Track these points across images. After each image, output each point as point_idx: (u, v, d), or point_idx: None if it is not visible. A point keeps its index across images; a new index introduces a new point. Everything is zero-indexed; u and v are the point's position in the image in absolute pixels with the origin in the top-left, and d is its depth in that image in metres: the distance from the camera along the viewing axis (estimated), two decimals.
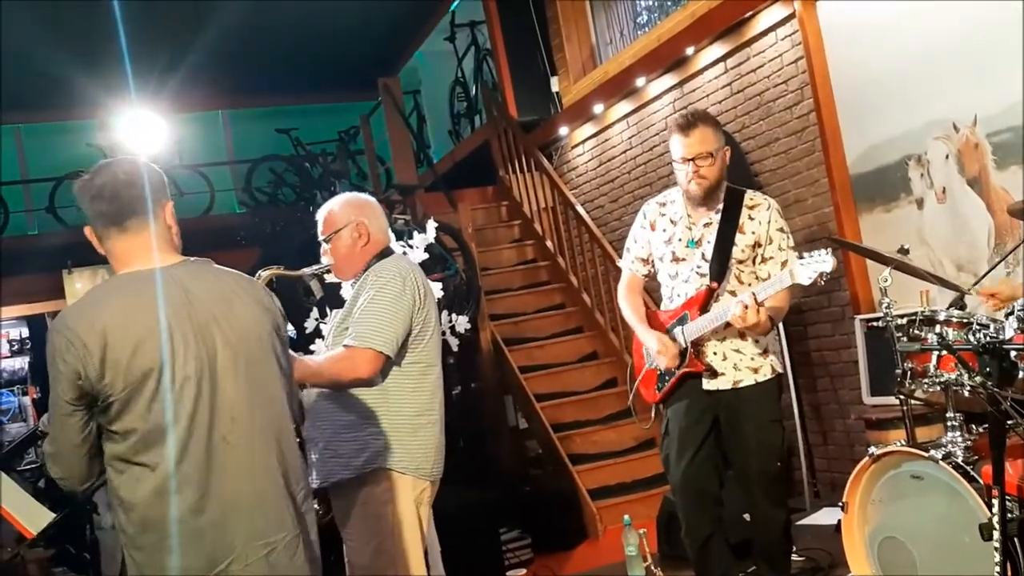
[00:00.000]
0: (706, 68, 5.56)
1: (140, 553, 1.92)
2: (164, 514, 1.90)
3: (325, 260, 2.93)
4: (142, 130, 5.58)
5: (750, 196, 3.23)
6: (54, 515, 2.42)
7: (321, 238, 2.94)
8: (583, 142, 7.09)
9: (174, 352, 1.92)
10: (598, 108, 6.62)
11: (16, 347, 9.59)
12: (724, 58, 5.40)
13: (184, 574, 1.91)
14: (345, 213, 2.90)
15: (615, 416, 6.00)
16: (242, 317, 2.03)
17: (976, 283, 3.65)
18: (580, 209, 6.74)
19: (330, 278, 3.09)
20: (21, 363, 9.53)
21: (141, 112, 5.65)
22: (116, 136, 5.69)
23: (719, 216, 3.18)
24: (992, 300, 2.89)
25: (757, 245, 3.17)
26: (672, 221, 3.28)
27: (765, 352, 3.18)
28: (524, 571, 4.61)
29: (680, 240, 3.24)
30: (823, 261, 2.81)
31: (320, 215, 2.96)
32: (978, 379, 2.34)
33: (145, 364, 1.89)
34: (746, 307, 2.91)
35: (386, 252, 2.91)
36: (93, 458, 1.94)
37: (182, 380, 1.92)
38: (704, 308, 3.14)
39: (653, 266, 3.38)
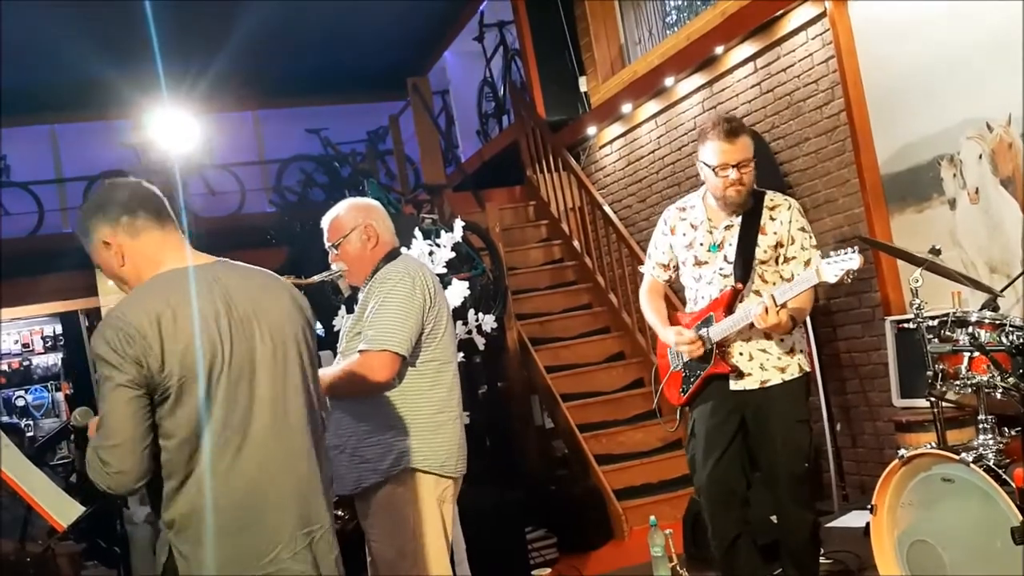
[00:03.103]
0: (736, 67, 5.52)
1: (189, 547, 1.93)
2: (215, 507, 1.92)
3: (336, 266, 2.91)
4: (174, 130, 5.64)
5: (770, 197, 3.21)
6: (84, 508, 2.45)
7: (329, 244, 2.93)
8: (611, 142, 7.08)
9: (222, 347, 1.95)
10: (626, 108, 6.60)
11: (50, 344, 9.71)
12: (754, 57, 5.36)
13: (233, 568, 1.93)
14: (351, 217, 2.90)
15: (641, 417, 5.98)
16: (276, 314, 2.07)
17: (1008, 285, 3.61)
18: (607, 209, 6.73)
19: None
20: (55, 359, 9.65)
21: (173, 112, 5.70)
22: (149, 135, 5.75)
23: (739, 219, 3.17)
24: None
25: (779, 245, 3.15)
26: (693, 226, 3.26)
27: (792, 351, 3.15)
28: (549, 570, 4.60)
29: (702, 244, 3.22)
30: (850, 259, 2.78)
31: (326, 222, 2.94)
32: (1011, 380, 2.30)
33: (196, 359, 1.91)
34: (766, 308, 2.89)
35: (394, 253, 2.89)
36: (150, 452, 1.91)
37: (228, 375, 1.95)
38: (729, 309, 3.12)
39: (675, 271, 3.37)
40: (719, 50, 5.51)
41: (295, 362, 2.07)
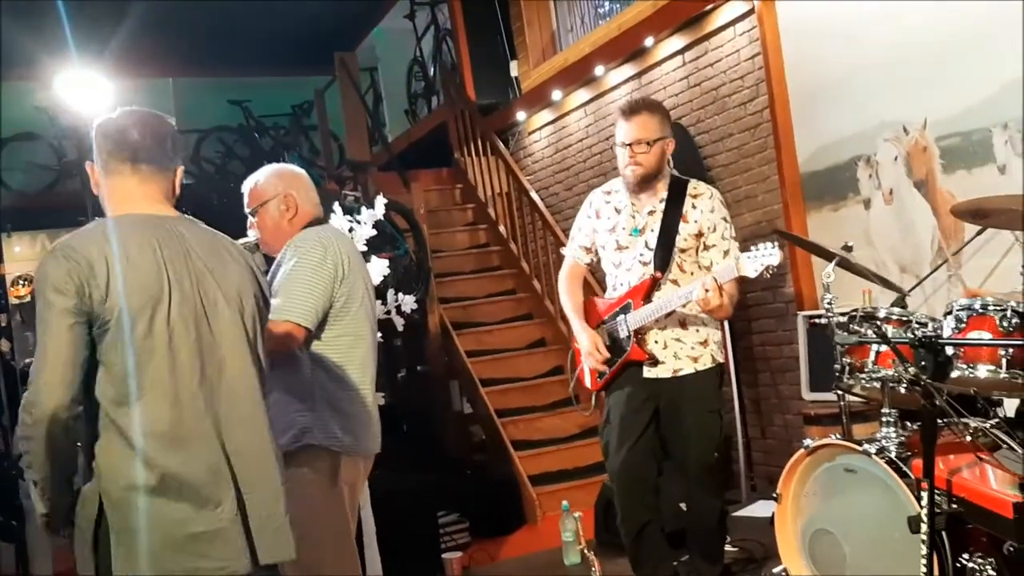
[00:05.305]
0: (664, 60, 5.56)
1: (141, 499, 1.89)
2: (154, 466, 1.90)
3: (252, 234, 2.83)
4: (88, 92, 5.40)
5: (693, 185, 3.24)
6: None
7: (247, 210, 2.84)
8: (540, 128, 7.07)
9: (171, 294, 1.97)
10: (556, 95, 6.60)
11: None
12: (683, 51, 5.40)
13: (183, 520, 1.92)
14: (272, 185, 2.81)
15: (560, 403, 6.00)
16: (234, 275, 2.11)
17: (916, 285, 3.72)
18: (534, 195, 6.72)
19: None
20: None
21: (87, 74, 5.46)
22: (60, 97, 5.49)
23: (663, 205, 3.19)
24: None
25: (700, 234, 3.18)
26: (616, 209, 3.28)
27: (705, 342, 3.19)
28: (460, 554, 4.58)
29: (624, 228, 3.24)
30: (770, 254, 2.83)
31: (246, 187, 2.86)
32: (912, 370, 2.37)
33: (143, 299, 1.94)
34: (707, 290, 2.90)
35: (315, 224, 2.81)
36: (77, 382, 1.88)
37: (176, 322, 1.96)
38: (647, 298, 3.14)
39: (596, 255, 3.38)
40: (649, 42, 5.54)
41: (249, 324, 2.10)
